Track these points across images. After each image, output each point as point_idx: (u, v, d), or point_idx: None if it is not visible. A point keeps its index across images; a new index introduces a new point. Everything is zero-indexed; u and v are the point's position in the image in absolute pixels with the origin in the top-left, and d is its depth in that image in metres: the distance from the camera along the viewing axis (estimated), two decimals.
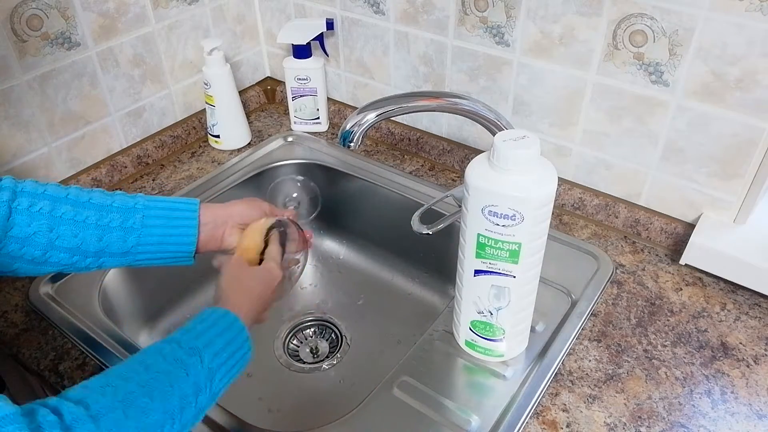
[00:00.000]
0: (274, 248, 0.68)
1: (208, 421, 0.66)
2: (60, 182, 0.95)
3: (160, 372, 0.50)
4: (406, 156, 1.09)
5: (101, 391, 0.46)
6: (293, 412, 0.86)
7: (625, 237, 0.90)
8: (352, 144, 0.75)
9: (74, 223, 0.61)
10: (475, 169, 0.61)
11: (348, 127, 0.74)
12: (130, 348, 0.74)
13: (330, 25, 1.05)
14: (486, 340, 0.70)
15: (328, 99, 1.16)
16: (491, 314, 0.68)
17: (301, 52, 1.08)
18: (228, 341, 0.55)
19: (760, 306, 0.79)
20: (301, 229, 0.73)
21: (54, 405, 0.43)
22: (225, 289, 0.62)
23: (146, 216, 0.64)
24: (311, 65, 1.09)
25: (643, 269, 0.85)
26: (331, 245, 1.11)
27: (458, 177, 1.04)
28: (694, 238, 0.81)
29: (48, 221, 0.60)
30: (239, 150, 1.11)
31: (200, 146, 1.12)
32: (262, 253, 0.67)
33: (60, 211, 0.61)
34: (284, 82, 1.14)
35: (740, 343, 0.74)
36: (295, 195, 1.02)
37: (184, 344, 0.53)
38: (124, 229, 0.63)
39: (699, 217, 0.84)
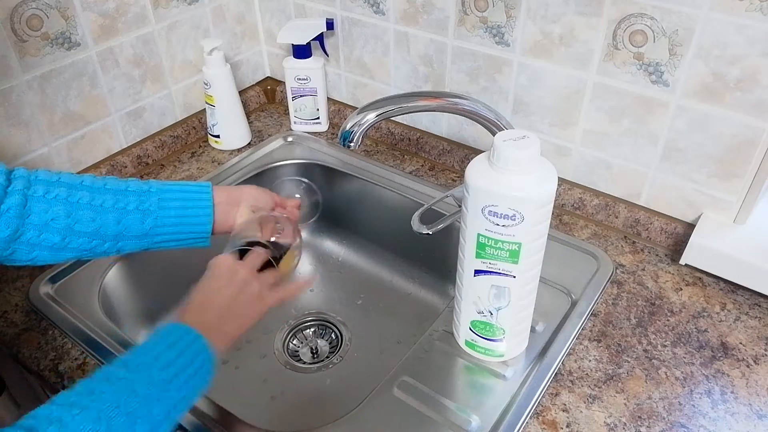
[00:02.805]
0: (253, 256, 0.65)
1: (207, 420, 0.66)
2: None
3: (102, 393, 0.48)
4: (406, 156, 1.09)
5: (52, 427, 0.45)
6: (293, 412, 0.86)
7: (625, 237, 0.90)
8: (352, 144, 0.75)
9: (92, 207, 0.62)
10: (475, 169, 0.61)
11: (348, 127, 0.74)
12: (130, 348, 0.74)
13: (330, 25, 1.05)
14: (486, 340, 0.70)
15: (328, 99, 1.16)
16: (491, 314, 0.68)
17: (301, 52, 1.08)
18: (180, 352, 0.54)
19: (760, 306, 0.79)
20: (297, 230, 0.72)
21: None
22: (187, 303, 0.60)
23: (162, 198, 0.65)
24: (311, 65, 1.09)
25: (643, 269, 0.85)
26: (330, 245, 1.11)
27: (458, 177, 1.04)
28: (694, 238, 0.81)
29: (65, 207, 0.60)
30: (239, 150, 1.11)
31: (200, 146, 1.12)
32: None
33: (77, 196, 0.61)
34: (284, 82, 1.14)
35: (740, 343, 0.74)
36: (297, 196, 1.01)
37: (129, 363, 0.52)
38: (142, 212, 0.64)
39: (699, 217, 0.84)
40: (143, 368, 0.52)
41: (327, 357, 0.94)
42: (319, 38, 1.07)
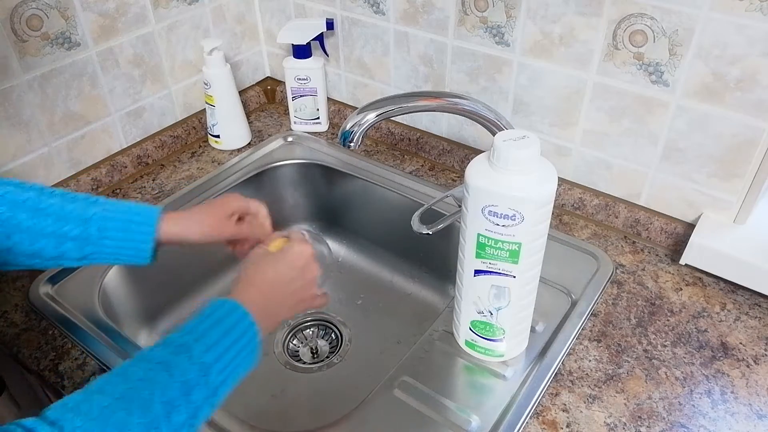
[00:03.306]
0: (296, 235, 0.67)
1: (207, 421, 0.66)
2: (60, 182, 0.96)
3: (140, 380, 0.48)
4: (406, 156, 1.09)
5: (77, 410, 0.45)
6: (293, 412, 0.86)
7: (625, 237, 0.90)
8: (352, 144, 0.75)
9: (31, 231, 0.62)
10: (475, 169, 0.61)
11: (348, 127, 0.74)
12: (130, 348, 0.74)
13: (330, 25, 1.05)
14: (486, 340, 0.70)
15: (328, 99, 1.16)
16: (491, 314, 0.68)
17: (301, 52, 1.08)
18: (225, 331, 0.53)
19: (760, 306, 0.79)
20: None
21: (30, 427, 0.42)
22: (240, 278, 0.60)
23: (102, 228, 0.64)
24: (311, 65, 1.09)
25: (643, 269, 0.85)
26: (330, 245, 1.11)
27: (458, 177, 1.04)
28: (694, 238, 0.81)
29: (5, 229, 0.61)
30: (239, 150, 1.11)
31: (200, 146, 1.12)
32: None
33: (18, 218, 0.61)
34: (284, 82, 1.14)
35: (740, 343, 0.74)
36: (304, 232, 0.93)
37: (170, 343, 0.51)
38: (81, 239, 0.64)
39: (699, 217, 0.84)
40: (184, 350, 0.50)
41: (327, 357, 0.94)
42: (319, 38, 1.07)
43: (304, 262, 0.63)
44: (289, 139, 1.13)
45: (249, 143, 1.12)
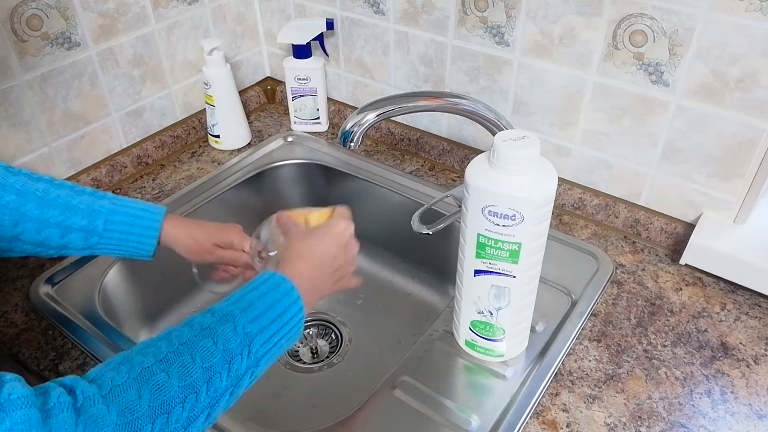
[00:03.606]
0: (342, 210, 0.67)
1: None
2: None
3: (183, 344, 0.48)
4: (406, 156, 1.09)
5: (117, 369, 0.46)
6: (293, 413, 0.86)
7: (625, 237, 0.90)
8: (352, 144, 0.75)
9: (38, 220, 0.63)
10: (475, 169, 0.61)
11: (348, 127, 0.74)
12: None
13: (330, 25, 1.05)
14: (486, 340, 0.70)
15: (328, 99, 1.16)
16: (491, 314, 0.68)
17: (301, 52, 1.08)
18: (270, 304, 0.53)
19: (760, 306, 0.79)
20: None
21: (69, 384, 0.43)
22: (287, 253, 0.60)
23: (108, 221, 0.66)
24: (311, 65, 1.09)
25: (643, 269, 0.85)
26: None
27: (458, 177, 1.04)
28: (694, 238, 0.81)
29: (12, 216, 0.62)
30: (239, 150, 1.11)
31: (200, 146, 1.12)
32: None
33: (26, 207, 0.63)
34: (284, 82, 1.14)
35: (740, 343, 0.74)
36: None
37: (216, 311, 0.51)
38: (87, 231, 0.66)
39: (699, 217, 0.84)
40: (229, 318, 0.51)
41: (327, 357, 0.94)
42: (319, 38, 1.07)
43: (347, 238, 0.64)
44: (289, 139, 1.13)
45: (249, 143, 1.12)
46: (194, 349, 0.48)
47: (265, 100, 1.25)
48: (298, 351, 0.95)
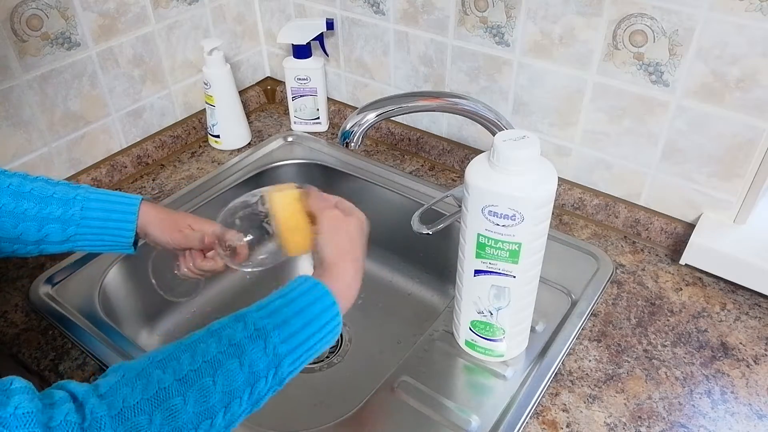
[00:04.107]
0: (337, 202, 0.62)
1: None
2: None
3: (207, 362, 0.45)
4: (406, 156, 1.09)
5: (132, 385, 0.43)
6: (293, 413, 0.86)
7: (625, 237, 0.90)
8: (352, 144, 0.75)
9: (14, 215, 0.62)
10: (475, 169, 0.61)
11: (348, 127, 0.74)
12: (131, 348, 0.74)
13: (330, 25, 1.05)
14: (486, 340, 0.70)
15: (328, 99, 1.16)
16: (491, 314, 0.68)
17: (301, 52, 1.08)
18: (308, 321, 0.50)
19: (760, 306, 0.79)
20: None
21: (81, 398, 0.41)
22: (327, 253, 0.56)
23: (85, 207, 0.65)
24: (311, 65, 1.09)
25: (643, 269, 0.85)
26: None
27: (458, 177, 1.04)
28: (694, 238, 0.81)
29: None
30: (239, 150, 1.11)
31: (200, 146, 1.12)
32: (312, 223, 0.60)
33: (0, 202, 0.62)
34: (284, 82, 1.14)
35: (740, 343, 0.74)
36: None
37: (250, 324, 0.48)
38: (64, 221, 0.64)
39: (699, 217, 0.84)
40: (261, 335, 0.48)
41: (327, 357, 0.94)
42: (319, 38, 1.07)
43: (362, 224, 0.61)
44: (289, 139, 1.13)
45: (249, 143, 1.12)
46: (218, 370, 0.45)
47: (265, 100, 1.25)
48: None
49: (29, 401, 0.39)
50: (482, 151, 0.64)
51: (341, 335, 0.97)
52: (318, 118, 1.14)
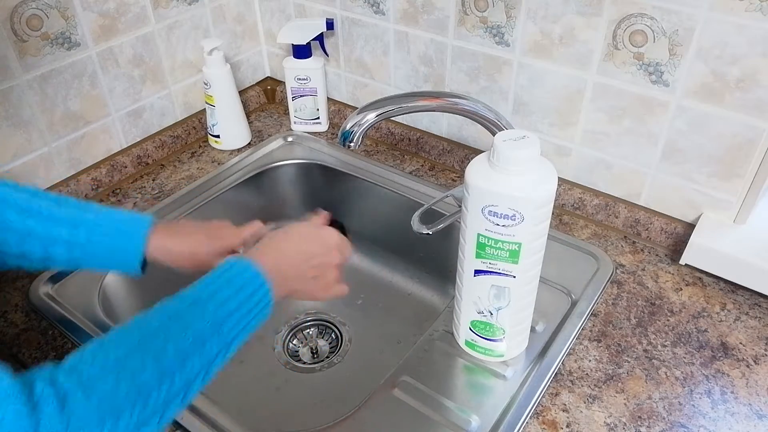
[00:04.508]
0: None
1: (206, 420, 0.66)
2: (60, 182, 0.96)
3: (154, 330, 0.50)
4: (406, 156, 1.09)
5: (92, 359, 0.47)
6: (293, 413, 0.86)
7: (625, 237, 0.90)
8: (352, 144, 0.75)
9: (19, 232, 0.61)
10: (475, 169, 0.61)
11: (348, 127, 0.74)
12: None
13: (330, 25, 1.05)
14: (486, 340, 0.70)
15: (328, 99, 1.16)
16: (491, 314, 0.68)
17: (301, 52, 1.08)
18: (237, 289, 0.54)
19: (760, 306, 0.79)
20: None
21: (48, 375, 0.44)
22: (264, 239, 0.62)
23: (92, 232, 0.64)
24: (311, 65, 1.09)
25: (643, 269, 0.85)
26: None
27: (458, 177, 1.04)
28: (694, 238, 0.81)
29: None
30: (239, 150, 1.11)
31: (200, 146, 1.12)
32: None
33: (6, 216, 0.61)
34: (284, 82, 1.14)
35: (740, 343, 0.74)
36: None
37: (184, 298, 0.53)
38: (70, 243, 0.63)
39: (699, 217, 0.84)
40: (197, 305, 0.52)
41: (327, 357, 0.94)
42: (319, 38, 1.07)
43: (335, 244, 0.65)
44: (289, 139, 1.13)
45: (249, 143, 1.12)
46: (166, 335, 0.50)
47: (265, 100, 1.25)
48: (298, 351, 0.95)
49: (9, 379, 0.42)
50: (482, 151, 0.64)
51: (341, 335, 0.97)
52: (318, 118, 1.14)
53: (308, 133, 1.15)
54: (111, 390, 0.45)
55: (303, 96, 1.12)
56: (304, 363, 0.93)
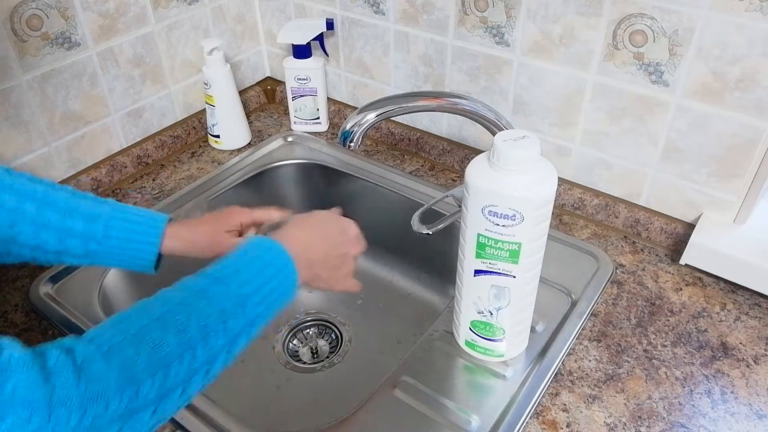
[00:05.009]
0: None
1: (206, 420, 0.66)
2: (60, 182, 0.95)
3: (178, 304, 0.50)
4: (406, 156, 1.09)
5: (115, 329, 0.46)
6: (293, 413, 0.86)
7: (625, 237, 0.90)
8: (352, 144, 0.75)
9: (35, 223, 0.61)
10: (475, 169, 0.61)
11: (348, 127, 0.74)
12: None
13: (330, 25, 1.05)
14: (486, 340, 0.70)
15: (328, 99, 1.16)
16: (491, 314, 0.68)
17: (301, 52, 1.08)
18: (262, 267, 0.54)
19: (760, 306, 0.79)
20: None
21: (68, 345, 0.44)
22: (289, 222, 0.62)
23: (108, 226, 0.64)
24: (311, 65, 1.09)
25: (643, 269, 0.85)
26: None
27: (458, 177, 1.04)
28: (694, 238, 0.81)
29: (10, 216, 0.60)
30: (239, 150, 1.11)
31: (200, 146, 1.12)
32: None
33: (24, 208, 0.61)
34: (284, 82, 1.14)
35: (740, 343, 0.74)
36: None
37: (209, 275, 0.53)
38: (86, 236, 0.63)
39: (699, 217, 0.84)
40: (222, 281, 0.52)
41: (327, 357, 0.94)
42: (319, 38, 1.07)
43: (355, 235, 0.66)
44: (289, 139, 1.13)
45: (249, 143, 1.12)
46: (189, 309, 0.49)
47: (265, 100, 1.25)
48: (298, 351, 0.95)
49: (21, 349, 0.41)
50: (482, 151, 0.64)
51: (341, 335, 0.97)
52: (318, 118, 1.14)
53: (308, 133, 1.15)
54: (131, 359, 0.45)
55: (303, 96, 1.12)
56: (304, 363, 0.94)
